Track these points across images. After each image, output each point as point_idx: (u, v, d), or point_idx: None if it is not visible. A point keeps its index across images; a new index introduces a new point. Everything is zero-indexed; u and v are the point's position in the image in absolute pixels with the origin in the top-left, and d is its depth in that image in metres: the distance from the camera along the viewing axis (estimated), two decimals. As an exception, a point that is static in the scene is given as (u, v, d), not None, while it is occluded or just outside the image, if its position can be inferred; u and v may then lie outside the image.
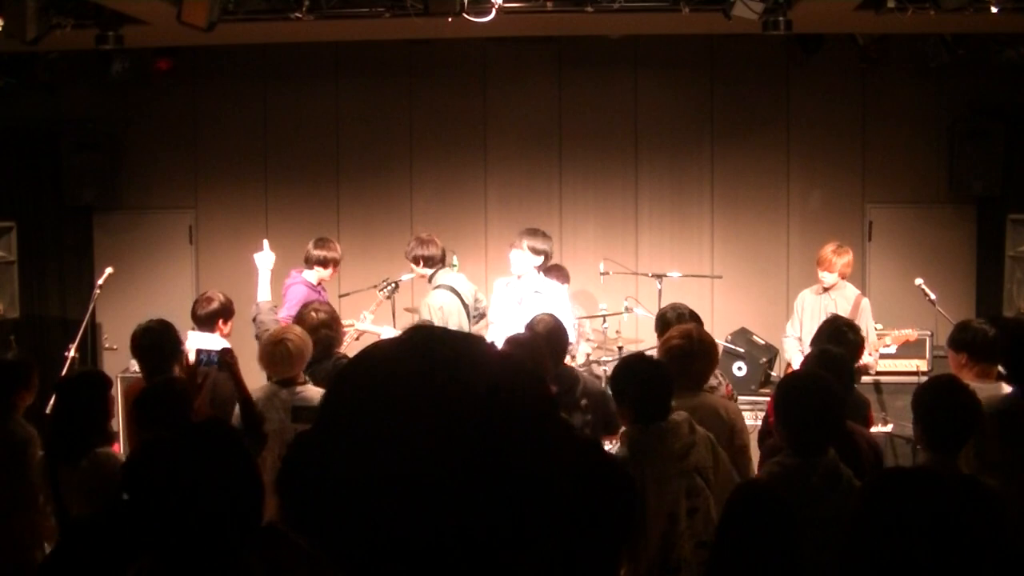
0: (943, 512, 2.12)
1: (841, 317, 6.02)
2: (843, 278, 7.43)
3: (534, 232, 7.14)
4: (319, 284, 7.24)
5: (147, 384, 5.03)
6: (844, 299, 7.36)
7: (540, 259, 7.10)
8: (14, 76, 8.81)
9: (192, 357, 5.16)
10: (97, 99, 9.44)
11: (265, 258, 6.97)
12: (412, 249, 7.40)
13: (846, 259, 7.39)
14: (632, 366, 4.23)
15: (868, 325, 7.17)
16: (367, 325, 7.32)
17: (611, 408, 4.74)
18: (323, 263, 7.21)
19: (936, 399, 3.86)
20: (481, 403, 1.05)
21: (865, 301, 7.37)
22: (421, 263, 7.34)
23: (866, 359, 6.89)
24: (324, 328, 5.67)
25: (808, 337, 6.50)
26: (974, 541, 2.11)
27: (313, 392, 5.05)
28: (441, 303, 7.09)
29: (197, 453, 2.42)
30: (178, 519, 2.33)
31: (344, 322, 6.89)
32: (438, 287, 7.23)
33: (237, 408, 4.85)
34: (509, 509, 1.03)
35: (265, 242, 7.11)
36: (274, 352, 5.05)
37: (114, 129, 9.54)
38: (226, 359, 4.87)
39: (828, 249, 7.46)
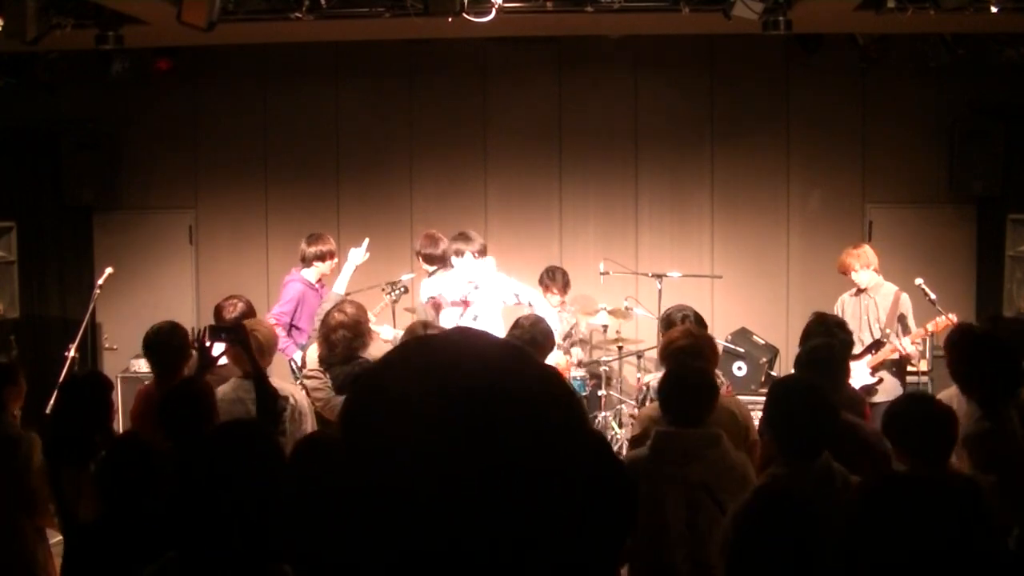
0: (937, 517, 2.12)
1: (830, 314, 6.00)
2: (876, 272, 7.34)
3: (468, 235, 7.19)
4: (319, 282, 7.26)
5: (160, 385, 5.00)
6: (883, 297, 7.31)
7: None
8: (14, 76, 8.81)
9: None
10: (97, 99, 9.43)
11: (356, 254, 7.08)
12: (418, 244, 7.50)
13: (864, 253, 7.32)
14: (676, 373, 4.22)
15: (909, 319, 7.24)
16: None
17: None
18: (321, 257, 7.26)
19: (912, 419, 3.76)
20: (500, 406, 1.05)
21: (904, 296, 7.32)
22: (422, 260, 7.41)
23: (909, 349, 7.02)
24: (342, 329, 5.39)
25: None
26: (965, 542, 2.11)
27: (277, 383, 4.87)
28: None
29: (238, 456, 2.41)
30: (214, 520, 2.32)
31: None
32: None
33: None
34: (519, 511, 1.03)
35: (366, 241, 7.18)
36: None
37: (114, 129, 9.54)
38: (241, 335, 4.73)
39: (845, 253, 7.42)
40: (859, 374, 7.01)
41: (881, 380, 7.00)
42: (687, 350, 4.66)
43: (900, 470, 3.77)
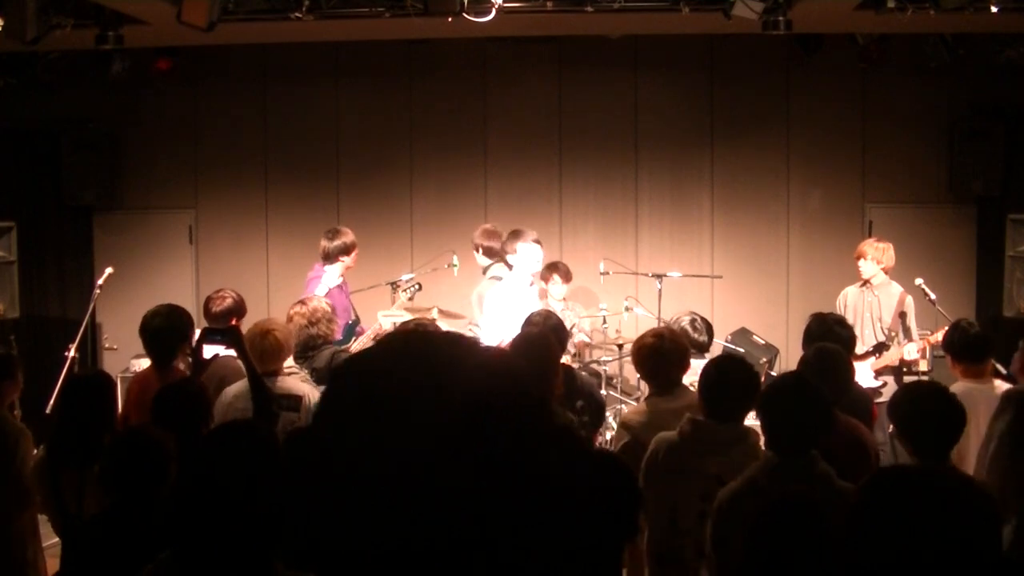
0: (940, 509, 2.12)
1: (828, 313, 5.99)
2: (886, 271, 7.38)
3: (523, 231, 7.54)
4: (341, 275, 7.33)
5: (156, 371, 5.01)
6: (888, 296, 7.33)
7: None
8: (14, 76, 8.81)
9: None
10: (97, 99, 9.43)
11: (331, 276, 7.26)
12: (476, 236, 7.79)
13: (886, 250, 7.36)
14: (721, 364, 4.20)
15: (912, 323, 7.27)
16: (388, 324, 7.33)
17: (602, 403, 5.25)
18: (346, 250, 7.30)
19: (916, 406, 3.77)
20: (472, 404, 1.05)
21: (909, 298, 7.35)
22: (480, 251, 7.72)
23: (915, 356, 7.07)
24: (323, 323, 5.63)
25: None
26: (969, 539, 2.10)
27: (291, 383, 4.98)
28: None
29: (234, 457, 2.41)
30: (214, 519, 2.32)
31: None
32: (491, 279, 7.60)
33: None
34: (502, 507, 1.03)
35: (338, 265, 7.34)
36: (262, 344, 4.92)
37: (114, 129, 9.54)
38: (235, 336, 4.71)
39: (866, 241, 7.56)
40: (863, 376, 7.01)
41: (885, 384, 7.01)
42: (654, 349, 4.64)
43: (903, 463, 3.78)
